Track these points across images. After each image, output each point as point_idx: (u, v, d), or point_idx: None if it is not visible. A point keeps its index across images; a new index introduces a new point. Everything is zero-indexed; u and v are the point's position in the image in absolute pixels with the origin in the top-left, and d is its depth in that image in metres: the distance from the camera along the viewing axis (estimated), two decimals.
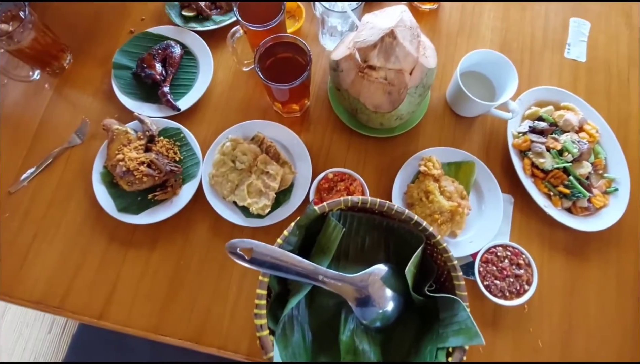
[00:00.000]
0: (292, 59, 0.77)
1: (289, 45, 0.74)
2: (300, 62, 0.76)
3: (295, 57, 0.76)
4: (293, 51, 0.76)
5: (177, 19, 0.92)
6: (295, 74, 0.75)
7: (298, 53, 0.75)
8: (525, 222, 0.83)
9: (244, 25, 0.73)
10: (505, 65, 0.81)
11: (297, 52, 0.75)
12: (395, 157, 0.86)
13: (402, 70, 0.67)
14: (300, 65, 0.76)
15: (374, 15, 0.69)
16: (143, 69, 0.87)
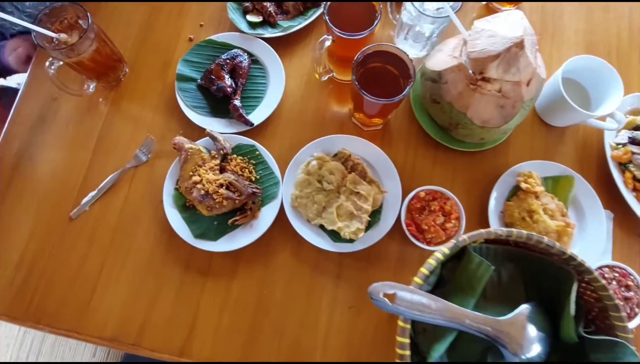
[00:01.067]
0: (383, 69, 0.70)
1: (384, 55, 0.68)
2: (393, 74, 0.69)
3: (387, 68, 0.70)
4: (385, 61, 0.69)
5: (242, 25, 0.85)
6: (390, 87, 0.69)
7: (393, 64, 0.69)
8: (627, 240, 0.77)
9: (337, 33, 0.66)
10: (607, 73, 0.76)
11: (391, 62, 0.69)
12: (486, 172, 0.80)
13: (519, 82, 0.61)
14: (393, 77, 0.69)
15: (486, 21, 0.63)
16: (212, 81, 0.80)
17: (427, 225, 0.72)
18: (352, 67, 0.65)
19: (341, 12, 0.70)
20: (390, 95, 0.65)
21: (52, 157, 0.80)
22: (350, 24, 0.69)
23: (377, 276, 0.74)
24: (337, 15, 0.69)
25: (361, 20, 0.70)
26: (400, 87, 0.68)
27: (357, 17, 0.71)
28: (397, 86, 0.69)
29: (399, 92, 0.65)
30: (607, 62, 0.76)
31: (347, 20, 0.69)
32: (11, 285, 0.74)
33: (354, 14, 0.71)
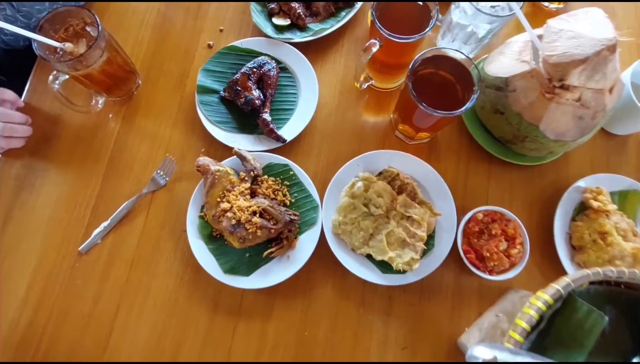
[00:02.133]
0: (438, 77, 0.62)
1: (440, 61, 0.59)
2: (450, 82, 0.61)
3: (442, 75, 0.61)
4: (441, 67, 0.61)
5: (268, 29, 0.76)
6: (446, 97, 0.60)
7: (450, 70, 0.60)
8: None
9: (387, 37, 0.58)
10: None
11: (447, 69, 0.60)
12: (545, 187, 0.72)
13: (602, 90, 0.53)
14: (450, 86, 0.61)
15: (563, 20, 0.54)
16: (238, 93, 0.71)
17: (489, 252, 0.63)
18: (408, 73, 0.56)
19: (389, 13, 0.61)
20: (446, 106, 0.57)
21: (58, 183, 0.71)
22: (399, 25, 0.60)
23: (432, 311, 0.65)
24: (384, 17, 0.60)
25: (411, 21, 0.62)
26: (458, 97, 0.60)
27: (406, 18, 0.62)
28: (454, 96, 0.60)
29: (456, 103, 0.57)
30: None
31: (396, 21, 0.61)
32: (15, 328, 0.65)
33: (404, 14, 0.62)
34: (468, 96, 0.57)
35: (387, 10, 0.61)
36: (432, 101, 0.57)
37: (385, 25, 0.59)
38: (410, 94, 0.56)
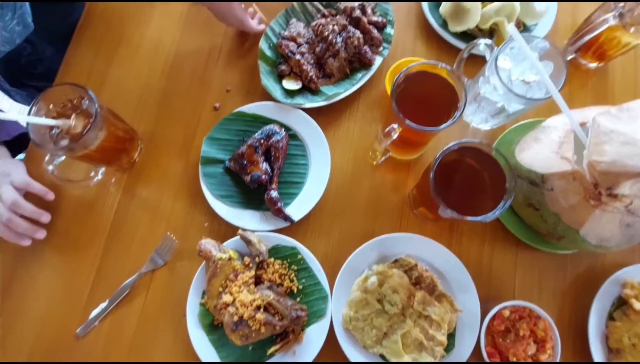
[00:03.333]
0: (464, 167, 0.55)
1: (467, 150, 0.53)
2: (478, 173, 0.54)
3: (469, 163, 0.55)
4: (468, 156, 0.54)
5: (277, 93, 0.71)
6: (474, 192, 0.54)
7: (477, 160, 0.54)
8: None
9: (409, 125, 0.52)
10: None
11: (475, 158, 0.54)
12: (579, 276, 0.65)
13: None
14: (477, 178, 0.54)
15: (613, 117, 0.47)
16: (244, 167, 0.66)
17: (516, 357, 0.57)
18: (431, 166, 0.50)
19: (411, 90, 0.55)
20: (473, 203, 0.51)
21: (55, 261, 0.67)
22: (422, 106, 0.55)
23: None
24: (406, 95, 0.54)
25: (436, 102, 0.56)
26: (487, 192, 0.53)
27: (431, 98, 0.56)
28: (482, 190, 0.54)
29: (485, 200, 0.51)
30: None
31: (418, 101, 0.55)
32: None
33: (428, 93, 0.56)
34: (499, 193, 0.50)
35: (409, 87, 0.55)
36: (456, 197, 0.51)
37: (406, 105, 0.53)
38: (432, 194, 0.50)
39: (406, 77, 0.54)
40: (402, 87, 0.54)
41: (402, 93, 0.54)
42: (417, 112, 0.53)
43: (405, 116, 0.52)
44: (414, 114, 0.52)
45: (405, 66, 0.71)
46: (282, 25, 0.75)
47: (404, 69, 0.54)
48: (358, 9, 0.72)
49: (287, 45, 0.71)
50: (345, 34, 0.70)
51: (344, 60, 0.71)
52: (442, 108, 0.54)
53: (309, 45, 0.72)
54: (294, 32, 0.73)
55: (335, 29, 0.70)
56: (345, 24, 0.70)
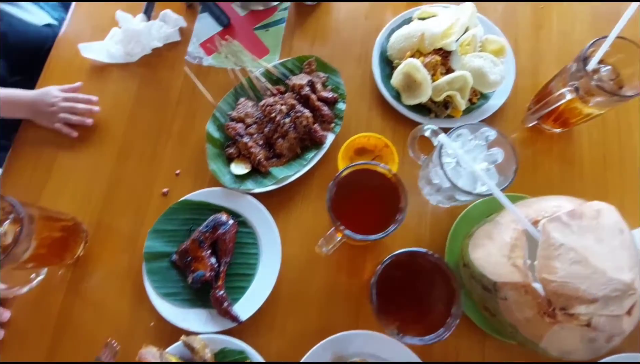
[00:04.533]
0: (408, 277, 0.51)
1: (416, 258, 0.49)
2: (426, 288, 0.50)
3: (418, 261, 0.51)
4: (413, 261, 0.50)
5: (225, 179, 0.67)
6: (424, 307, 0.50)
7: (428, 275, 0.49)
8: None
9: (346, 233, 0.48)
10: None
11: (425, 272, 0.50)
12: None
13: (619, 315, 0.41)
14: (424, 288, 0.50)
15: (564, 226, 0.43)
16: (188, 264, 0.62)
17: None
18: (375, 277, 0.46)
19: (350, 196, 0.52)
20: (420, 314, 0.47)
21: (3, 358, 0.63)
22: (364, 208, 0.51)
23: None
24: (344, 202, 0.51)
25: (379, 202, 0.52)
26: (440, 310, 0.48)
27: (373, 199, 0.53)
28: (432, 304, 0.49)
29: (436, 316, 0.46)
30: None
31: (359, 204, 0.52)
32: None
33: (368, 196, 0.53)
34: (447, 310, 0.46)
35: (348, 189, 0.51)
36: (403, 308, 0.47)
37: (345, 208, 0.50)
38: (374, 313, 0.46)
39: (345, 178, 0.50)
40: (338, 191, 0.50)
41: (340, 196, 0.50)
42: (360, 215, 0.49)
43: (342, 222, 0.48)
44: (355, 217, 0.49)
45: (359, 143, 0.69)
46: (231, 105, 0.73)
47: (340, 172, 0.50)
48: (307, 86, 0.69)
49: (235, 127, 0.68)
50: (293, 114, 0.67)
51: (294, 140, 0.68)
52: (387, 209, 0.51)
53: (258, 125, 0.70)
54: (242, 112, 0.70)
55: (282, 109, 0.67)
56: (293, 103, 0.68)
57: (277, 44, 0.80)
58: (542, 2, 0.80)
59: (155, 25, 0.80)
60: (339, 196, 0.50)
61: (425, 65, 0.66)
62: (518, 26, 0.78)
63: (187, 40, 0.82)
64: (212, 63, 0.79)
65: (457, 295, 0.45)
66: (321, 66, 0.74)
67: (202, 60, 0.80)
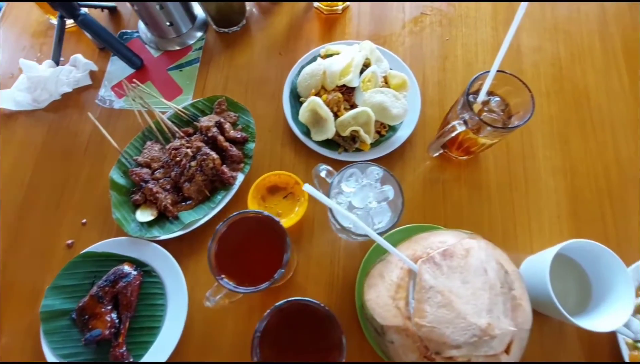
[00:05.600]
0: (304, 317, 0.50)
1: (303, 309, 0.48)
2: (316, 324, 0.49)
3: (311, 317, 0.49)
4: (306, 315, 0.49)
5: (130, 227, 0.65)
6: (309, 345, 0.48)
7: (315, 319, 0.48)
8: None
9: (228, 287, 0.47)
10: (611, 264, 0.56)
11: (313, 317, 0.48)
12: None
13: (497, 354, 0.41)
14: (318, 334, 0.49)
15: (435, 267, 0.43)
16: (85, 323, 0.59)
17: None
18: (252, 342, 0.45)
19: (234, 245, 0.50)
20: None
21: None
22: (253, 256, 0.50)
23: None
24: (229, 252, 0.49)
25: (266, 250, 0.51)
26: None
27: (259, 247, 0.52)
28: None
29: None
30: (608, 248, 0.56)
31: (244, 253, 0.50)
32: None
33: (254, 245, 0.52)
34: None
35: (232, 237, 0.50)
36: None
37: (233, 260, 0.48)
38: None
39: (228, 230, 0.49)
40: (222, 243, 0.49)
41: (226, 247, 0.49)
42: (249, 264, 0.48)
43: (227, 273, 0.47)
44: (244, 266, 0.48)
45: (270, 181, 0.68)
46: (139, 149, 0.71)
47: (222, 223, 0.49)
48: (215, 127, 0.69)
49: (139, 172, 0.67)
50: (199, 156, 0.66)
51: (202, 183, 0.66)
52: (276, 255, 0.49)
53: (165, 169, 0.68)
54: (147, 157, 0.69)
55: (188, 152, 0.66)
56: (199, 145, 0.67)
57: (190, 83, 0.79)
58: (448, 35, 0.84)
59: (64, 71, 0.78)
60: (225, 247, 0.49)
61: (329, 102, 0.67)
62: (425, 58, 0.81)
63: (100, 83, 0.81)
64: (123, 106, 0.78)
65: (342, 347, 0.44)
66: (232, 105, 0.74)
67: (113, 104, 0.78)
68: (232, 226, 0.49)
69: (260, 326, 0.45)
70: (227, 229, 0.49)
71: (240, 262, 0.49)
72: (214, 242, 0.49)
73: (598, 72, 0.81)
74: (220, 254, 0.48)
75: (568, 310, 0.56)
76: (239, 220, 0.50)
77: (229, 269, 0.48)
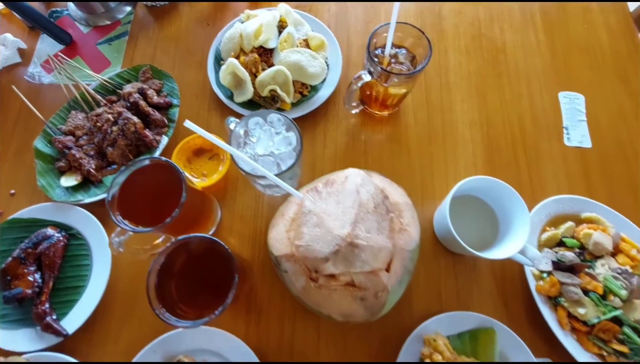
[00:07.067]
0: (209, 254, 0.52)
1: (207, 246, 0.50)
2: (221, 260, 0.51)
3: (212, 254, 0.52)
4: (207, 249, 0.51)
5: (55, 192, 0.66)
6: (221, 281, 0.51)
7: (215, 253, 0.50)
8: None
9: (127, 229, 0.49)
10: (509, 196, 0.60)
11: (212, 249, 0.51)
12: (388, 335, 0.62)
13: (375, 271, 0.44)
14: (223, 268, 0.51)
15: (316, 194, 0.46)
16: (7, 284, 0.60)
17: None
18: (147, 278, 0.47)
19: (138, 192, 0.52)
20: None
21: None
22: (155, 208, 0.52)
23: None
24: (132, 201, 0.51)
25: (165, 201, 0.52)
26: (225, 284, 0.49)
27: (160, 197, 0.53)
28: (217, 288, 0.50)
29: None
30: (504, 182, 0.60)
31: (147, 192, 0.52)
32: None
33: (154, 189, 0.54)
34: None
35: (136, 186, 0.52)
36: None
37: (132, 211, 0.50)
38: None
39: (129, 177, 0.51)
40: (123, 190, 0.51)
41: (125, 193, 0.51)
42: (148, 209, 0.50)
43: (125, 217, 0.49)
44: (144, 210, 0.49)
45: (195, 143, 0.70)
46: (64, 119, 0.72)
47: (122, 172, 0.51)
48: (136, 93, 0.70)
49: (62, 140, 0.68)
50: (121, 121, 0.68)
51: (125, 147, 0.68)
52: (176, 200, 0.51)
53: (89, 136, 0.70)
54: (71, 125, 0.70)
55: (109, 118, 0.68)
56: (121, 110, 0.68)
57: (119, 56, 0.81)
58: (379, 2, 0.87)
59: None
60: (127, 194, 0.51)
61: (246, 64, 0.69)
62: (349, 23, 0.84)
63: (30, 60, 0.82)
64: (52, 81, 0.79)
65: (233, 284, 0.46)
66: (156, 73, 0.75)
67: (42, 79, 0.79)
68: (133, 176, 0.51)
69: (160, 259, 0.47)
70: (127, 179, 0.51)
71: (142, 208, 0.51)
72: (116, 189, 0.50)
73: (516, 30, 0.85)
74: (122, 200, 0.50)
75: (478, 246, 0.59)
76: (139, 170, 0.52)
77: (131, 214, 0.50)
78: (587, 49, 0.83)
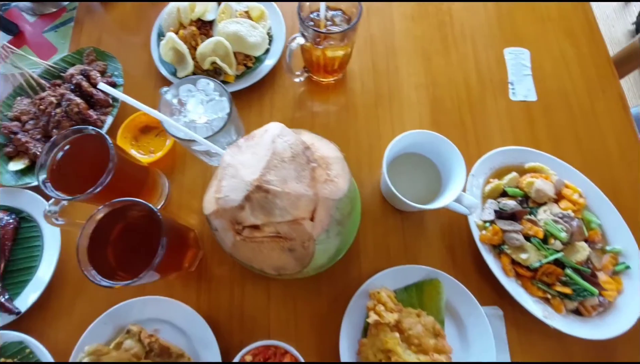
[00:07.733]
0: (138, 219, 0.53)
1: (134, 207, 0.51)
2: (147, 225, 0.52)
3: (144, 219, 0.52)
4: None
5: (4, 178, 0.67)
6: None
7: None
8: (526, 339, 0.61)
9: (59, 198, 0.49)
10: (445, 147, 0.61)
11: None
12: (337, 294, 0.63)
13: (297, 220, 0.45)
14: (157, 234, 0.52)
15: (237, 149, 0.47)
16: None
17: None
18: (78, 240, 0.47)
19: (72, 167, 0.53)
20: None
21: None
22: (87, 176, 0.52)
23: None
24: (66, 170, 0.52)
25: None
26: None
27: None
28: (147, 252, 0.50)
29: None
30: (439, 134, 0.61)
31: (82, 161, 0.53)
32: None
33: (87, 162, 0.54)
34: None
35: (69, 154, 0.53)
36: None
37: (69, 172, 0.51)
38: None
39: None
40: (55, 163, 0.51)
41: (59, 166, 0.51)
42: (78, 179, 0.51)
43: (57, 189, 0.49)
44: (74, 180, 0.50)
45: (141, 121, 0.71)
46: (11, 106, 0.73)
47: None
48: (78, 75, 0.71)
49: (8, 126, 0.68)
50: (65, 103, 0.68)
51: (70, 128, 0.68)
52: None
53: (35, 121, 0.70)
54: (17, 111, 0.71)
55: (52, 101, 0.68)
56: (63, 92, 0.69)
57: (65, 42, 0.81)
58: None
59: None
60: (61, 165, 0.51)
61: (185, 37, 0.70)
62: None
63: None
64: (1, 71, 0.79)
65: (162, 246, 0.46)
66: (100, 55, 0.76)
67: None
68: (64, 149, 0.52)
69: (91, 223, 0.47)
70: (58, 153, 0.52)
71: (79, 180, 0.52)
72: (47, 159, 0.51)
73: None
74: (56, 171, 0.51)
75: (425, 201, 0.60)
76: (72, 141, 0.52)
77: (66, 186, 0.51)
78: (532, 4, 0.83)
